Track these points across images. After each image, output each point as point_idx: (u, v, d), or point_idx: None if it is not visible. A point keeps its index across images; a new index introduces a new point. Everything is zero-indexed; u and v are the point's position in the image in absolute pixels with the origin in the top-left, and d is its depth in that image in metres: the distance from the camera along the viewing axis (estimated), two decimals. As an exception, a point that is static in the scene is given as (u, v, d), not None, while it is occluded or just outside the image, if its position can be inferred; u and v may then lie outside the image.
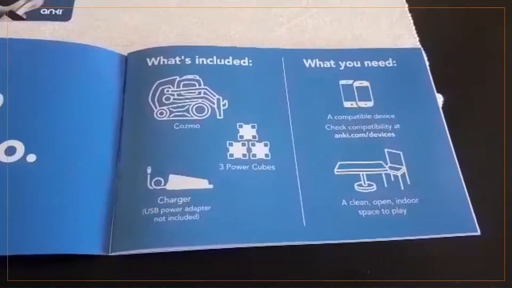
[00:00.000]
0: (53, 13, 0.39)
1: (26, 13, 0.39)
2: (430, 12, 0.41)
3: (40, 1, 0.40)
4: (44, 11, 0.39)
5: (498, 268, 0.29)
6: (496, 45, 0.40)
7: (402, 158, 0.33)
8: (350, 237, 0.30)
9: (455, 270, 0.29)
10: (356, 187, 0.31)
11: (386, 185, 0.32)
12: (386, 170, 0.32)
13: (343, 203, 0.31)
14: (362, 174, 0.32)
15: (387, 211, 0.31)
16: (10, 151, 0.30)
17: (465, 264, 0.30)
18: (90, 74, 0.34)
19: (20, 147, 0.30)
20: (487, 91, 0.38)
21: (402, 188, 0.32)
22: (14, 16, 0.38)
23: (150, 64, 0.35)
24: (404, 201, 0.31)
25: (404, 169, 0.32)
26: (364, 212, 0.30)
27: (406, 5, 0.41)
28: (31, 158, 0.30)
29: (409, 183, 0.32)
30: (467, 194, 0.31)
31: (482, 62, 0.39)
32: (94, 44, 0.35)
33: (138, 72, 0.35)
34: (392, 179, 0.32)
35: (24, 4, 0.39)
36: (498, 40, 0.41)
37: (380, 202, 0.31)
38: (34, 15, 0.39)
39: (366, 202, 0.31)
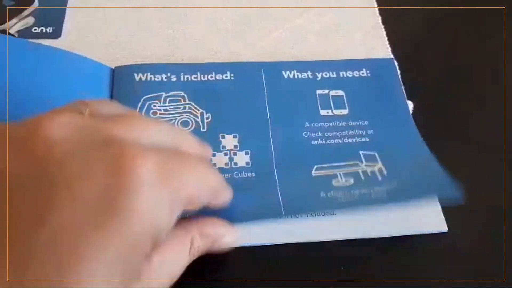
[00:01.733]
0: (44, 31, 0.41)
1: (18, 31, 0.41)
2: (401, 23, 0.44)
3: (31, 20, 0.42)
4: (35, 29, 0.41)
5: (465, 263, 0.32)
6: (457, 54, 0.43)
7: (378, 158, 0.34)
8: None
9: (427, 264, 0.31)
10: (333, 182, 0.33)
11: (363, 178, 0.33)
12: (363, 168, 0.34)
13: (321, 195, 0.32)
14: (339, 173, 0.33)
15: None
16: None
17: (436, 259, 0.32)
18: (78, 81, 0.35)
19: None
20: (454, 95, 0.40)
21: (380, 179, 0.33)
22: (7, 34, 0.40)
23: (137, 79, 0.36)
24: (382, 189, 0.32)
25: (380, 164, 0.34)
26: None
27: (380, 18, 0.43)
28: None
29: (386, 174, 0.33)
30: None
31: (449, 70, 0.42)
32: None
33: (125, 86, 0.36)
34: (369, 174, 0.33)
35: (16, 23, 0.41)
36: (458, 47, 0.43)
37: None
38: (26, 34, 0.41)
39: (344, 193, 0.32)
